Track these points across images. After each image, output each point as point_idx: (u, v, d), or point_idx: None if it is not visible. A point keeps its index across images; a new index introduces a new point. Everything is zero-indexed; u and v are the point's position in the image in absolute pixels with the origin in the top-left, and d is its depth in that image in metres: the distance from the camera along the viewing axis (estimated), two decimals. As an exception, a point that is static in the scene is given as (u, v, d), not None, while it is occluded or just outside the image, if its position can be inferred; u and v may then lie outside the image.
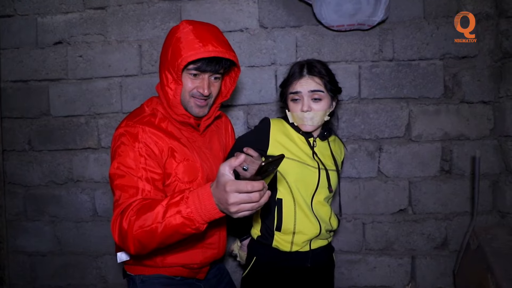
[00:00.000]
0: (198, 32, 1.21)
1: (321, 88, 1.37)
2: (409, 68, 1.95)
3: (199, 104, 1.27)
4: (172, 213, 0.96)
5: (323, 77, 1.38)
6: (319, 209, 1.42)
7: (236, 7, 2.00)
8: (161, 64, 1.29)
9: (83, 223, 2.13)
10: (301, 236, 1.38)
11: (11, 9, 2.11)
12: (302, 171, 1.38)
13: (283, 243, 1.40)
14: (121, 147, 1.19)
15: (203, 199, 0.94)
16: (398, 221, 1.99)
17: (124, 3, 2.05)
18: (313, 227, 1.39)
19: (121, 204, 1.10)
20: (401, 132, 1.96)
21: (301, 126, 1.40)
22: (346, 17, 1.84)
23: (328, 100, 1.40)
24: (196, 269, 1.35)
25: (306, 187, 1.39)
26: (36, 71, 2.12)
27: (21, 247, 2.18)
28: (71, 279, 2.16)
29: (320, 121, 1.39)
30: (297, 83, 1.38)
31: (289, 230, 1.38)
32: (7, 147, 2.15)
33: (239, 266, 2.07)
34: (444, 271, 1.98)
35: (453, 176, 1.96)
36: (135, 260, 1.29)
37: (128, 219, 1.03)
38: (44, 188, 2.15)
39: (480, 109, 1.94)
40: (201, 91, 1.25)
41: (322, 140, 1.46)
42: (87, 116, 2.10)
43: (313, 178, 1.40)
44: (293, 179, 1.37)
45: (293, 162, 1.38)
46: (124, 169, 1.16)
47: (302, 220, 1.38)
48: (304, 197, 1.38)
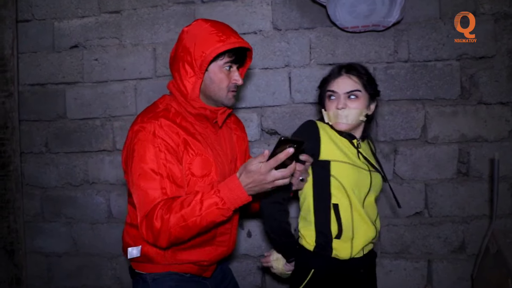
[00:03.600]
0: (217, 27, 1.25)
1: (358, 87, 1.36)
2: (424, 69, 1.92)
3: (235, 94, 1.32)
4: (209, 207, 1.10)
5: (361, 76, 1.37)
6: (370, 211, 1.39)
7: (249, 9, 2.01)
8: (176, 61, 1.28)
9: (98, 225, 2.15)
10: (359, 241, 1.35)
11: (29, 14, 2.16)
12: (356, 174, 1.36)
13: (342, 251, 1.35)
14: (138, 143, 1.19)
15: (234, 189, 1.10)
16: (414, 224, 1.96)
17: (138, 7, 2.07)
18: (369, 230, 1.37)
19: (146, 204, 1.14)
20: (416, 134, 1.94)
21: (335, 124, 1.38)
22: (360, 18, 1.82)
23: (365, 100, 1.37)
24: (205, 267, 1.35)
25: (361, 189, 1.37)
26: (53, 74, 2.16)
27: (38, 248, 2.22)
28: (86, 280, 2.19)
29: (355, 120, 1.35)
30: (334, 81, 1.38)
31: (348, 236, 1.34)
32: (24, 150, 2.20)
33: (259, 269, 2.07)
34: (462, 275, 1.94)
35: (470, 179, 1.92)
36: (145, 257, 1.28)
37: (160, 218, 1.11)
38: (60, 190, 2.18)
39: (498, 110, 1.90)
40: (238, 82, 1.29)
41: (363, 141, 1.45)
42: (102, 119, 2.13)
43: (366, 180, 1.38)
44: (349, 183, 1.34)
45: (347, 165, 1.35)
46: (146, 168, 1.16)
47: (359, 224, 1.35)
48: (358, 201, 1.36)
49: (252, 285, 2.06)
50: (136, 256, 1.28)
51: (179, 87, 1.27)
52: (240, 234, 2.08)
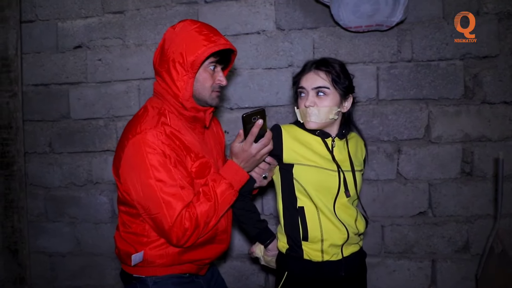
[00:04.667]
0: (207, 27, 1.27)
1: (326, 84, 1.30)
2: (428, 68, 1.92)
3: (219, 95, 1.32)
4: (222, 194, 1.22)
5: (329, 72, 1.31)
6: (343, 213, 1.35)
7: (253, 9, 2.01)
8: (165, 61, 1.26)
9: (102, 225, 2.16)
10: (330, 244, 1.33)
11: (32, 15, 2.16)
12: (321, 177, 1.32)
13: (313, 253, 1.34)
14: (148, 156, 1.15)
15: (237, 172, 1.25)
16: (418, 224, 1.96)
17: (142, 7, 2.08)
18: (340, 232, 1.33)
19: (171, 211, 1.16)
20: (420, 134, 1.94)
21: (305, 123, 1.33)
22: (364, 18, 1.82)
23: (335, 97, 1.31)
24: (203, 265, 1.36)
25: (327, 192, 1.33)
26: (57, 75, 2.16)
27: (41, 248, 2.22)
28: (90, 279, 2.19)
29: (324, 118, 1.30)
30: (303, 77, 1.34)
31: (316, 238, 1.33)
32: (28, 150, 2.20)
33: (262, 269, 2.07)
34: (466, 275, 1.94)
35: (474, 178, 1.92)
36: (146, 261, 1.27)
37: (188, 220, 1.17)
38: (64, 190, 2.18)
39: (502, 110, 1.90)
40: (222, 83, 1.29)
41: (340, 139, 1.38)
42: (106, 119, 2.14)
43: (334, 182, 1.33)
44: (312, 186, 1.32)
45: (310, 168, 1.32)
46: (161, 177, 1.16)
47: (328, 226, 1.33)
48: (326, 203, 1.33)
49: (256, 285, 2.06)
50: (139, 261, 1.27)
51: (170, 88, 1.25)
52: (243, 234, 2.08)
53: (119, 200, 1.31)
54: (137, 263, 1.27)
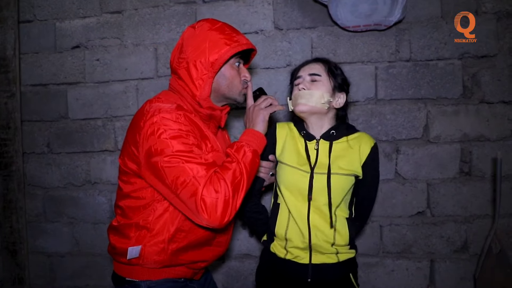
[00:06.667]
0: (229, 27, 1.30)
1: (321, 71, 1.36)
2: (426, 68, 1.92)
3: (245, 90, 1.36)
4: (250, 158, 1.18)
5: (326, 62, 1.40)
6: (318, 219, 1.32)
7: (251, 9, 2.01)
8: (184, 59, 1.26)
9: (100, 225, 2.15)
10: (292, 244, 1.34)
11: (30, 15, 2.16)
12: (293, 177, 1.34)
13: (278, 248, 1.39)
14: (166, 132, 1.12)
15: (256, 136, 1.24)
16: (416, 224, 1.95)
17: (140, 7, 2.08)
18: (302, 237, 1.32)
19: (198, 180, 1.09)
20: (418, 134, 1.93)
21: (295, 107, 1.35)
22: (362, 18, 1.82)
23: (328, 84, 1.34)
24: (198, 269, 1.35)
25: (298, 193, 1.33)
26: (55, 75, 2.16)
27: (40, 248, 2.22)
28: (89, 279, 2.19)
29: (314, 102, 1.31)
30: (300, 69, 1.41)
31: (281, 235, 1.37)
32: (27, 150, 2.20)
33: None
34: (464, 275, 1.94)
35: (473, 178, 1.92)
36: (143, 259, 1.24)
37: (216, 186, 1.09)
38: (62, 190, 2.18)
39: (500, 109, 1.89)
40: (247, 79, 1.34)
41: (326, 140, 1.37)
42: (104, 119, 2.13)
43: (304, 183, 1.32)
44: (284, 185, 1.36)
45: (286, 167, 1.37)
46: (188, 148, 1.13)
47: (293, 227, 1.34)
48: (298, 204, 1.33)
49: (254, 285, 2.06)
50: (135, 256, 1.25)
51: (187, 86, 1.26)
52: (242, 234, 2.07)
53: (123, 192, 1.27)
54: (132, 258, 1.24)
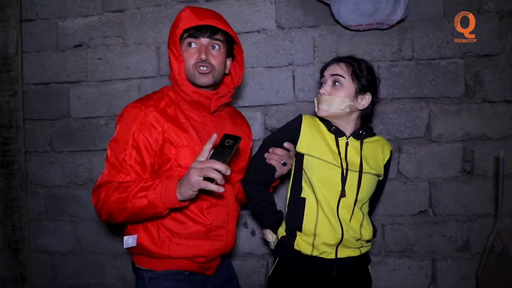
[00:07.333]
0: (196, 10, 1.29)
1: (343, 73, 1.33)
2: (429, 67, 1.92)
3: (201, 71, 1.29)
4: (141, 196, 1.14)
5: (351, 64, 1.34)
6: (347, 214, 1.34)
7: (253, 8, 2.01)
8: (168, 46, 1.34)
9: (102, 223, 2.16)
10: (322, 240, 1.33)
11: (33, 14, 2.16)
12: (326, 171, 1.34)
13: (304, 245, 1.35)
14: (120, 123, 1.29)
15: (168, 189, 1.12)
16: (418, 223, 1.95)
17: (142, 6, 2.08)
18: (334, 232, 1.33)
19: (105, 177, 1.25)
20: (421, 133, 1.93)
21: (317, 111, 1.38)
22: (364, 17, 1.82)
23: (350, 89, 1.33)
24: (204, 263, 1.33)
25: (330, 187, 1.34)
26: (57, 73, 2.16)
27: (42, 247, 2.22)
28: (91, 278, 2.19)
29: (335, 108, 1.32)
30: (326, 68, 1.40)
31: (309, 231, 1.34)
32: (29, 149, 2.20)
33: (263, 267, 2.07)
34: (466, 274, 1.94)
35: (475, 177, 1.92)
36: (141, 248, 1.28)
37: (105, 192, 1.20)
38: (64, 189, 2.19)
39: (503, 108, 1.89)
40: (199, 57, 1.28)
41: (356, 139, 1.39)
42: (106, 118, 2.13)
43: (337, 179, 1.34)
44: (317, 178, 1.34)
45: (317, 161, 1.35)
46: (117, 148, 1.25)
47: (323, 222, 1.33)
48: (328, 199, 1.33)
49: (257, 284, 2.06)
50: (132, 245, 1.28)
51: (170, 72, 1.31)
52: (244, 232, 2.08)
53: None
54: (129, 247, 1.29)
